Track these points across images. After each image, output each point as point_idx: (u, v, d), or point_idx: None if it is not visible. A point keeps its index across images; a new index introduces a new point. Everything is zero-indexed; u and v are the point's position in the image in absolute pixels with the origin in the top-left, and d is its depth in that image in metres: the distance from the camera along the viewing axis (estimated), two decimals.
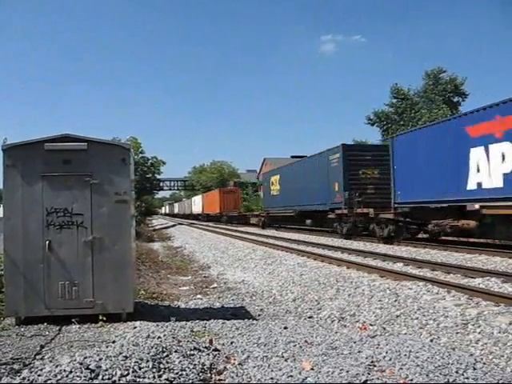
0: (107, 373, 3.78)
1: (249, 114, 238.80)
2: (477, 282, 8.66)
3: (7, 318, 6.34)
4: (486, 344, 5.34)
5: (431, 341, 5.65)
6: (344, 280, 9.55)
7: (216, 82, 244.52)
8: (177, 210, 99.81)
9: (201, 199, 63.14)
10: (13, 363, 4.52)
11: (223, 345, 4.97)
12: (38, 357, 4.77)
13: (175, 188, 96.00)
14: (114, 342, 5.01)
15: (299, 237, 23.08)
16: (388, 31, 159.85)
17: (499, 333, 5.52)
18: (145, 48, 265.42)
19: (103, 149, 6.51)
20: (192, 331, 5.52)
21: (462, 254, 13.32)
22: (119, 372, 3.81)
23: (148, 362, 4.03)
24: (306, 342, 4.90)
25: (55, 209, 6.31)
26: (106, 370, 3.81)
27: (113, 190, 6.39)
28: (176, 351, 4.38)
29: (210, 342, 4.92)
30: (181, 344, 4.60)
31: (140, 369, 3.90)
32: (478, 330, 5.72)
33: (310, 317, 7.75)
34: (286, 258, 14.03)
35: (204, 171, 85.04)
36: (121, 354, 4.12)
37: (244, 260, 15.15)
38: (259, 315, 7.82)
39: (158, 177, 49.10)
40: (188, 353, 4.41)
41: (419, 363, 4.01)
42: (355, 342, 4.80)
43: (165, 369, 4.02)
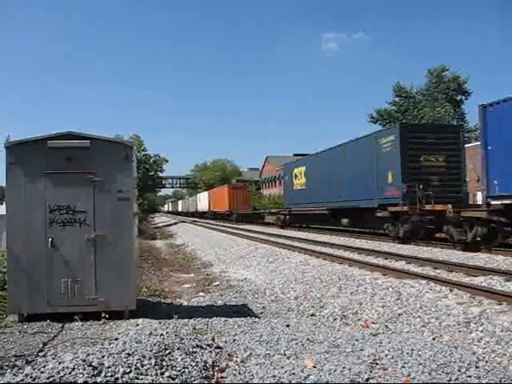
0: (110, 370, 3.79)
1: (251, 112, 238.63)
2: (479, 281, 8.64)
3: (10, 315, 6.36)
4: (488, 342, 5.33)
5: (433, 339, 5.65)
6: (346, 278, 9.54)
7: (218, 80, 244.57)
8: (180, 208, 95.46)
9: (207, 196, 59.50)
10: (16, 360, 4.53)
11: (225, 342, 4.97)
12: (40, 354, 4.79)
13: (177, 186, 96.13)
14: (116, 339, 5.02)
15: (302, 235, 23.07)
16: (391, 29, 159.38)
17: (502, 331, 5.51)
18: (147, 47, 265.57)
19: (106, 146, 6.52)
20: (194, 329, 5.53)
21: (464, 252, 13.30)
22: (122, 369, 3.81)
23: (150, 359, 4.03)
24: (308, 339, 4.90)
25: (58, 206, 6.33)
26: (109, 367, 3.81)
27: (115, 188, 6.39)
28: (178, 348, 4.39)
29: (213, 339, 4.93)
30: (183, 341, 4.61)
31: (142, 366, 3.91)
32: (480, 329, 5.71)
33: (312, 315, 7.75)
34: (289, 256, 14.03)
35: (206, 169, 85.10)
36: (123, 351, 4.13)
37: (246, 258, 15.15)
38: (261, 313, 7.83)
39: (161, 175, 49.17)
40: (190, 350, 4.42)
41: (421, 361, 4.01)
42: (357, 340, 4.80)
43: (167, 366, 4.03)
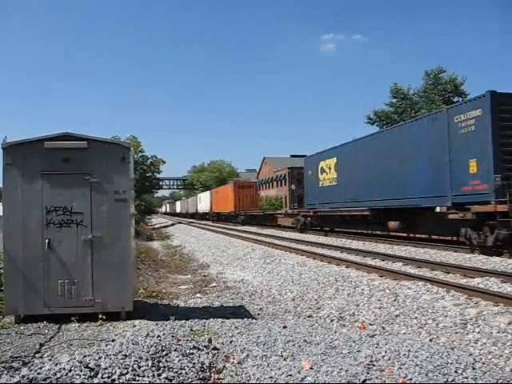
0: (106, 371, 3.78)
1: (249, 114, 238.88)
2: (476, 282, 8.66)
3: (7, 317, 6.34)
4: (485, 344, 5.35)
5: (430, 340, 5.66)
6: (343, 279, 9.55)
7: (216, 81, 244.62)
8: (179, 209, 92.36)
9: (209, 196, 55.33)
10: (12, 361, 4.52)
11: (222, 344, 4.97)
12: (37, 355, 4.77)
13: (175, 187, 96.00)
14: (113, 340, 5.01)
15: (296, 236, 23.07)
16: (389, 31, 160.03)
17: (498, 333, 5.53)
18: (144, 47, 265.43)
19: (103, 147, 6.51)
20: (191, 330, 5.53)
21: (461, 253, 13.33)
22: (118, 371, 3.81)
23: (147, 360, 4.03)
24: (305, 341, 4.90)
25: (55, 207, 6.31)
26: (106, 369, 3.81)
27: (112, 189, 6.39)
28: (175, 350, 4.39)
29: (210, 340, 4.92)
30: (180, 343, 4.60)
31: (139, 367, 3.91)
32: (477, 330, 5.73)
33: (309, 316, 7.76)
34: (286, 258, 14.04)
35: (204, 170, 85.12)
36: (120, 352, 4.13)
37: (243, 259, 15.15)
38: (258, 314, 7.83)
39: (158, 176, 49.14)
40: (187, 352, 4.42)
41: (418, 363, 4.02)
42: (354, 342, 4.80)
43: (164, 367, 4.03)
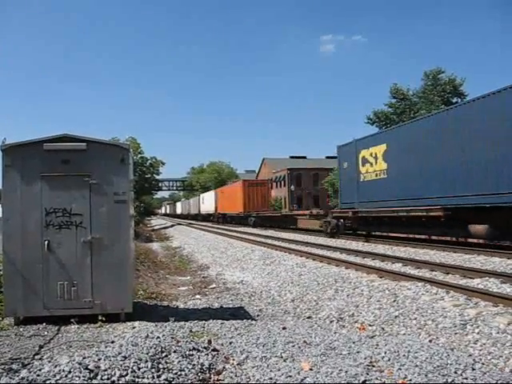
0: (106, 373, 3.78)
1: (248, 115, 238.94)
2: (475, 283, 8.66)
3: (6, 318, 6.33)
4: (484, 344, 5.34)
5: (430, 341, 5.66)
6: (343, 280, 9.55)
7: (215, 82, 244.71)
8: (180, 210, 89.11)
9: (213, 196, 51.61)
10: (11, 363, 4.51)
11: (222, 345, 4.97)
12: (36, 357, 4.77)
13: (174, 188, 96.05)
14: (112, 342, 5.01)
15: (297, 237, 23.07)
16: (388, 31, 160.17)
17: (498, 333, 5.52)
18: (144, 48, 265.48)
19: (102, 149, 6.51)
20: (191, 331, 5.53)
21: (460, 254, 13.33)
22: (118, 372, 3.81)
23: (147, 362, 4.03)
24: (304, 342, 4.91)
25: (54, 209, 6.31)
26: (105, 370, 3.81)
27: (112, 190, 6.39)
28: (175, 351, 4.39)
29: (209, 342, 4.92)
30: (180, 344, 4.60)
31: (139, 369, 3.91)
32: (476, 331, 5.72)
33: (308, 317, 7.76)
34: (285, 259, 14.03)
35: (203, 171, 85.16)
36: (120, 354, 4.13)
37: (243, 260, 15.15)
38: (258, 315, 7.83)
39: (157, 177, 49.20)
40: (187, 353, 4.42)
41: (418, 363, 4.02)
42: (354, 343, 4.81)
43: (164, 369, 4.03)
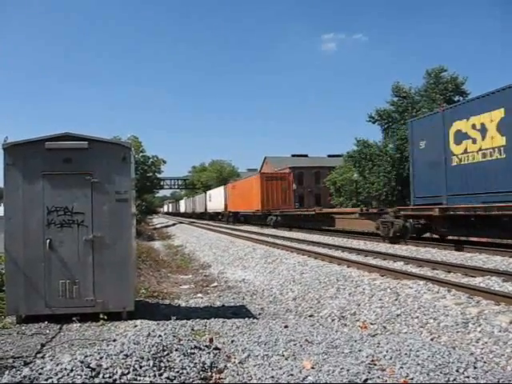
0: (108, 371, 3.79)
1: (249, 113, 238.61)
2: (477, 281, 8.65)
3: (8, 317, 6.35)
4: (486, 343, 5.34)
5: (432, 340, 5.65)
6: (344, 279, 9.55)
7: (216, 80, 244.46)
8: (183, 209, 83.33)
9: (222, 192, 46.01)
10: (13, 361, 4.53)
11: (224, 343, 4.98)
12: (38, 355, 4.78)
13: (176, 187, 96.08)
14: (114, 340, 5.02)
15: (298, 236, 23.07)
16: (390, 30, 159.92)
17: (500, 332, 5.52)
18: (145, 46, 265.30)
19: (104, 147, 6.51)
20: (193, 330, 5.53)
21: (462, 252, 13.31)
22: (120, 370, 3.81)
23: (149, 360, 4.04)
24: (306, 340, 4.90)
25: (56, 207, 6.32)
26: (107, 369, 3.81)
27: (113, 189, 6.39)
28: (177, 350, 4.39)
29: (211, 340, 4.93)
30: (181, 343, 4.61)
31: (141, 367, 3.91)
32: (478, 329, 5.72)
33: (310, 316, 7.76)
34: (287, 257, 14.03)
35: (204, 170, 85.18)
36: (121, 352, 4.13)
37: (244, 259, 15.14)
38: (260, 314, 7.83)
39: (159, 176, 49.24)
40: (189, 351, 4.42)
41: (420, 362, 4.02)
42: (356, 341, 4.80)
43: (165, 367, 4.03)
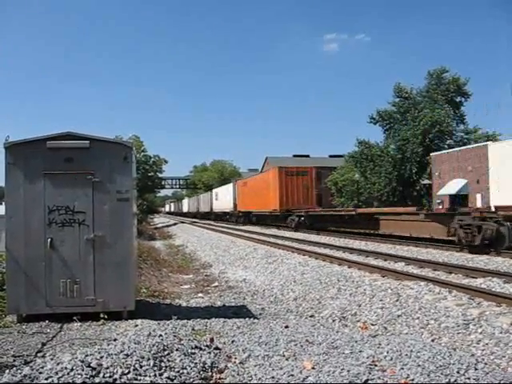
0: (108, 371, 3.78)
1: (251, 113, 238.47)
2: (478, 282, 8.64)
3: (9, 316, 6.35)
4: (487, 344, 5.33)
5: (432, 341, 5.64)
6: (345, 279, 9.54)
7: (218, 80, 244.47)
8: (186, 208, 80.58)
9: (231, 190, 41.97)
10: (14, 360, 4.53)
11: (224, 343, 4.97)
12: (39, 354, 4.78)
13: (177, 186, 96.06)
14: (115, 339, 5.01)
15: (299, 236, 23.05)
16: (392, 30, 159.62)
17: (501, 333, 5.51)
18: (146, 47, 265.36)
19: (105, 147, 6.51)
20: (193, 330, 5.53)
21: (463, 253, 13.29)
22: (120, 370, 3.81)
23: (149, 360, 4.03)
24: (307, 341, 4.90)
25: (57, 207, 6.32)
26: (107, 368, 3.81)
27: (115, 188, 6.39)
28: (177, 349, 4.39)
29: (211, 340, 4.92)
30: (182, 342, 4.60)
31: (141, 367, 3.91)
32: (479, 331, 5.71)
33: (311, 316, 7.76)
34: (288, 257, 14.02)
35: (205, 170, 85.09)
36: (122, 352, 4.13)
37: (245, 259, 15.14)
38: (260, 314, 7.83)
39: (160, 175, 49.17)
40: (189, 351, 4.42)
41: (420, 363, 4.01)
42: (356, 342, 4.80)
43: (166, 367, 4.03)
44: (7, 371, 3.93)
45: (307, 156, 76.05)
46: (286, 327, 5.71)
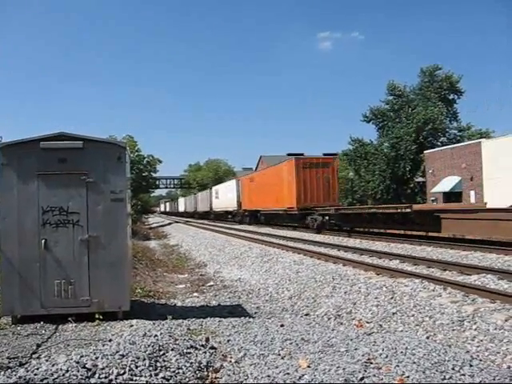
0: (104, 371, 3.78)
1: (245, 112, 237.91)
2: (473, 279, 8.69)
3: (3, 317, 6.32)
4: (482, 341, 5.36)
5: (427, 338, 5.67)
6: (340, 278, 9.56)
7: (212, 79, 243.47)
8: (182, 208, 76.80)
9: (234, 186, 38.35)
10: (9, 362, 4.50)
11: (220, 343, 4.97)
12: (34, 356, 4.76)
13: (171, 186, 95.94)
14: (110, 340, 5.00)
15: (294, 234, 23.08)
16: (386, 28, 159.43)
17: (495, 329, 5.54)
18: (145, 46, 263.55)
19: (99, 147, 6.49)
20: (189, 329, 5.52)
21: (457, 250, 13.35)
22: (116, 371, 3.80)
23: (145, 360, 4.02)
24: (302, 339, 4.91)
25: (51, 207, 6.29)
26: (103, 369, 3.80)
27: (109, 189, 6.37)
28: (173, 349, 4.38)
29: (207, 340, 4.92)
30: (177, 342, 4.60)
31: (136, 367, 3.90)
32: (474, 327, 5.74)
33: (306, 314, 7.77)
34: (283, 256, 14.04)
35: (200, 169, 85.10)
36: (117, 352, 4.12)
37: (240, 258, 15.14)
38: (256, 313, 7.83)
39: (154, 175, 48.99)
40: (185, 351, 4.41)
41: (415, 360, 4.03)
42: (352, 340, 4.81)
43: (161, 367, 4.02)
44: (2, 373, 3.91)
45: (301, 154, 76.10)
46: (282, 326, 5.72)
